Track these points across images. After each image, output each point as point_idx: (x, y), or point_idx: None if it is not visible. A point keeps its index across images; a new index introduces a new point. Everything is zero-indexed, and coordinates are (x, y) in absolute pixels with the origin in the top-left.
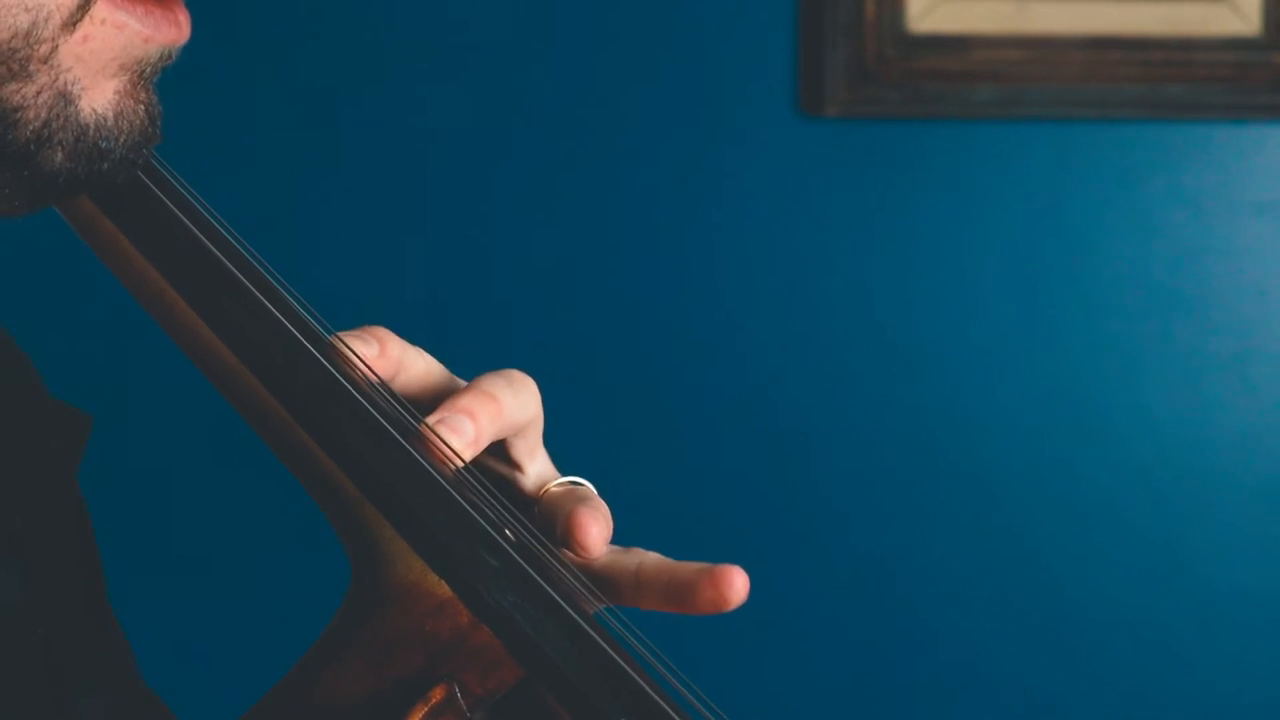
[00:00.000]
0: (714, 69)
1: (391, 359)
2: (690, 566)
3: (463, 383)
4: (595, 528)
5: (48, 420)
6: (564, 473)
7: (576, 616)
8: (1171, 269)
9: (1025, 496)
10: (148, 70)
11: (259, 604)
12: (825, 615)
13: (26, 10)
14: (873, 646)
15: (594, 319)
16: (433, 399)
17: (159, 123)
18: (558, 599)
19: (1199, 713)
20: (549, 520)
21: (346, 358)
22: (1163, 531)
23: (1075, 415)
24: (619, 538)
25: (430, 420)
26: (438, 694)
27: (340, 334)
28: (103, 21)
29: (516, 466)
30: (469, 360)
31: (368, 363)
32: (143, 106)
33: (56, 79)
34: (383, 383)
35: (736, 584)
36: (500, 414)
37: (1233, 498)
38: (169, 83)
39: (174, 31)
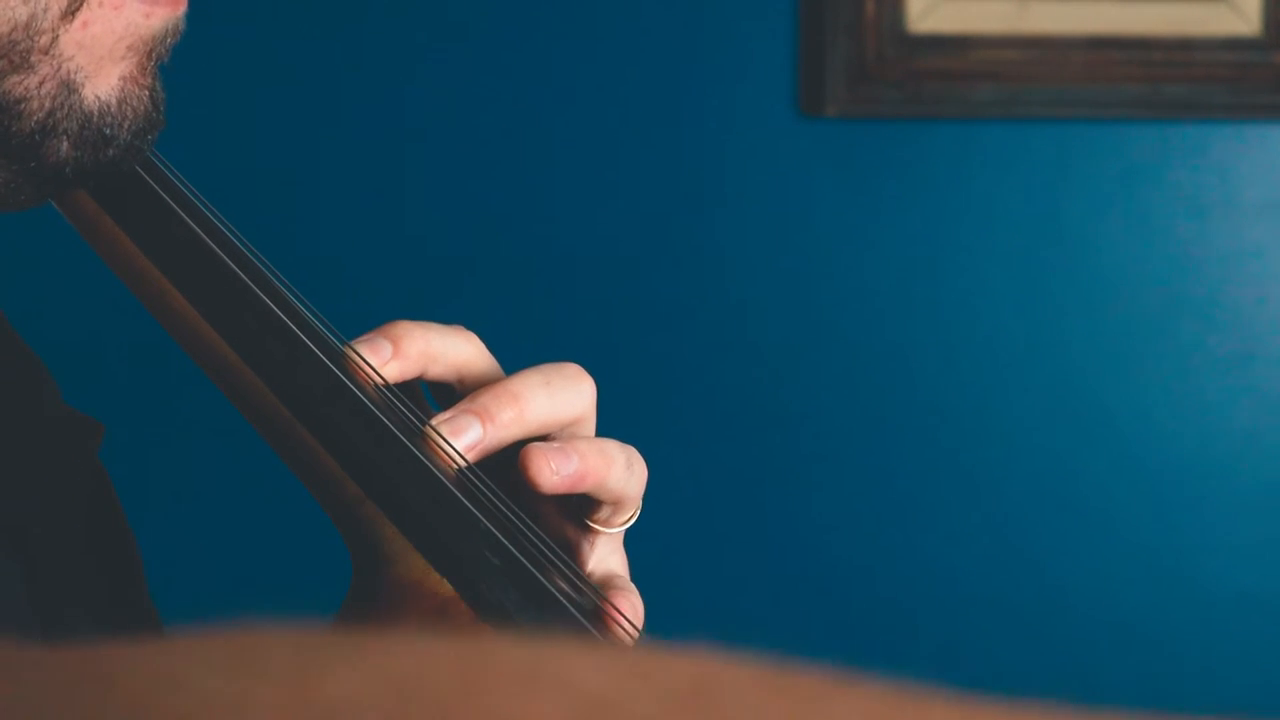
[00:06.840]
0: (714, 69)
1: (412, 358)
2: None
3: (502, 374)
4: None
5: (56, 427)
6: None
7: (579, 615)
8: (1171, 269)
9: (1025, 496)
10: (155, 49)
11: (260, 604)
12: (824, 613)
13: (25, 2)
14: (871, 644)
15: (593, 319)
16: (472, 387)
17: (163, 108)
18: (560, 598)
19: (1199, 713)
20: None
21: (350, 357)
22: (1163, 532)
23: (1075, 415)
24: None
25: (437, 420)
26: None
27: (354, 342)
28: (100, 4)
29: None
30: None
31: (378, 370)
32: (147, 92)
33: (59, 68)
34: (389, 384)
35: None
36: (523, 416)
37: (1233, 498)
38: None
39: (172, 2)
